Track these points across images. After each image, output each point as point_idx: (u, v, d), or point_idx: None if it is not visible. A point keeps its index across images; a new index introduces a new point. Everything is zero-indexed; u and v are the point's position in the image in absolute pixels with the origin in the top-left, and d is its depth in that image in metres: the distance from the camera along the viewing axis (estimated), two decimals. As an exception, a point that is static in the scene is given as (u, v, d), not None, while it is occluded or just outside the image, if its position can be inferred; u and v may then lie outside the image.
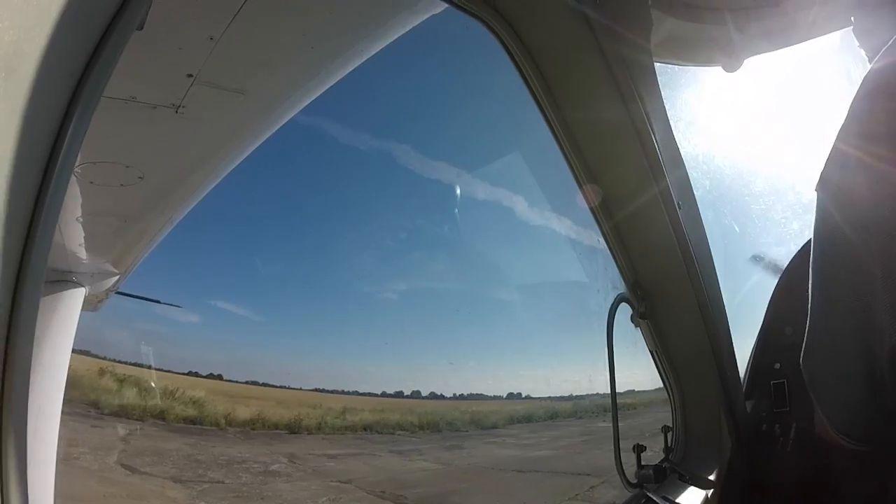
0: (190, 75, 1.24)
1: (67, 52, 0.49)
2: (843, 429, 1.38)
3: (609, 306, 1.51)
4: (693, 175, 1.56)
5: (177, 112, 1.31)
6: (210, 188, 1.50)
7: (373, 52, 1.15)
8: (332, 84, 1.19)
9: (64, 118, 0.51)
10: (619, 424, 1.65)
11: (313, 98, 1.22)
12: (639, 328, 1.62)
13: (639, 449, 1.62)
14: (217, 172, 1.44)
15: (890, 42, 1.07)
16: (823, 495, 2.35)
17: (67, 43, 0.47)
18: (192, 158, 1.41)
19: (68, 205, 1.89)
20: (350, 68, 1.17)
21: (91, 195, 1.75)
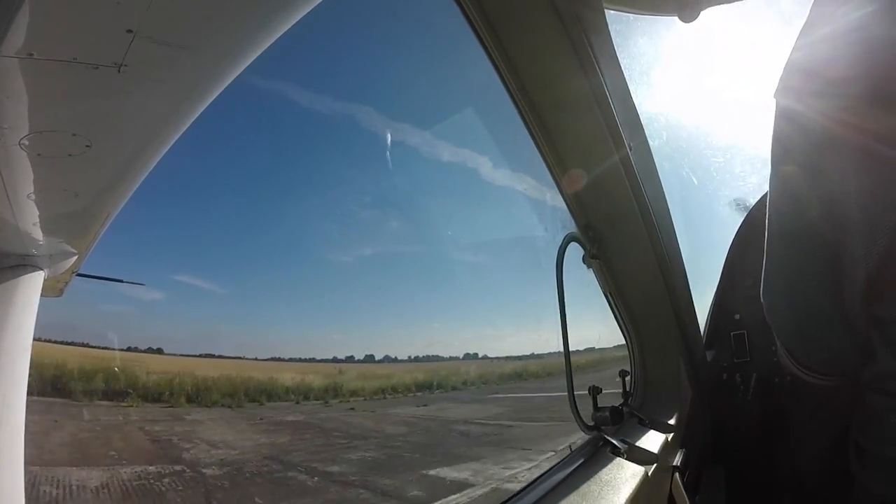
0: (130, 31, 1.20)
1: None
2: (805, 362, 1.31)
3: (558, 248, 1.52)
4: (648, 127, 1.58)
5: (119, 71, 1.28)
6: (161, 154, 1.46)
7: (317, 2, 1.13)
8: (278, 37, 1.17)
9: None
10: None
11: (260, 52, 1.19)
12: (591, 269, 1.63)
13: (594, 391, 1.65)
14: (166, 136, 1.40)
15: None
16: (782, 441, 2.46)
17: None
18: (138, 121, 1.37)
19: (18, 180, 1.82)
20: (297, 17, 1.14)
21: (40, 168, 1.69)
